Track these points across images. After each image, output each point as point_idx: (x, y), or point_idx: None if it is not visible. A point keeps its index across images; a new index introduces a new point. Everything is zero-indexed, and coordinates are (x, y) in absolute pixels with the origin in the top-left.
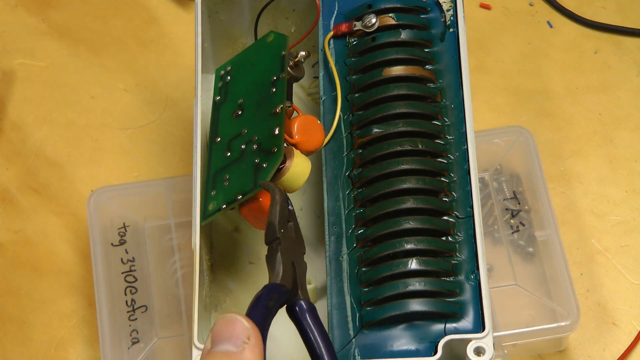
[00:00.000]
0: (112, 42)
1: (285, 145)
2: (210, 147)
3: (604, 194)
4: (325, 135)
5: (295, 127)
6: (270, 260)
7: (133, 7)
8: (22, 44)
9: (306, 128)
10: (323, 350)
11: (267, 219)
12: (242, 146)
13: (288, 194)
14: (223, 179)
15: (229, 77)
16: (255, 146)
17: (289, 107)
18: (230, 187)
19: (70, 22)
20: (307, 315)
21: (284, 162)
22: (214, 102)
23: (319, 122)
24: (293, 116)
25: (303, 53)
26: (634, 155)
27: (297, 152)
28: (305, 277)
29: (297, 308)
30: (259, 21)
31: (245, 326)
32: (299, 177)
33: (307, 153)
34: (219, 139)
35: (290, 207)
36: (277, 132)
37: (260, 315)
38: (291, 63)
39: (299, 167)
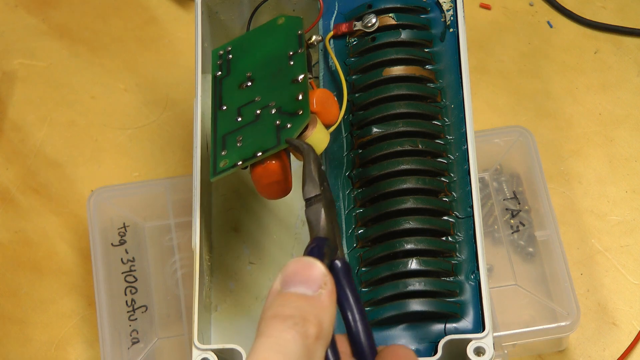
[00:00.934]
0: (112, 42)
1: None
2: (214, 115)
3: (604, 194)
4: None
5: (315, 98)
6: (312, 214)
7: (133, 7)
8: (22, 44)
9: (324, 101)
10: (357, 317)
11: (304, 176)
12: (257, 111)
13: None
14: (235, 141)
15: (230, 56)
16: (274, 110)
17: (311, 78)
18: (246, 146)
19: (70, 22)
20: (346, 275)
21: (306, 127)
22: (214, 77)
23: (335, 97)
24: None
25: (315, 37)
26: (634, 155)
27: (318, 122)
28: (340, 238)
29: (337, 266)
30: (258, 21)
31: (323, 271)
32: (320, 144)
33: (324, 124)
34: (224, 107)
35: (322, 166)
36: (300, 97)
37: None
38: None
39: (321, 134)
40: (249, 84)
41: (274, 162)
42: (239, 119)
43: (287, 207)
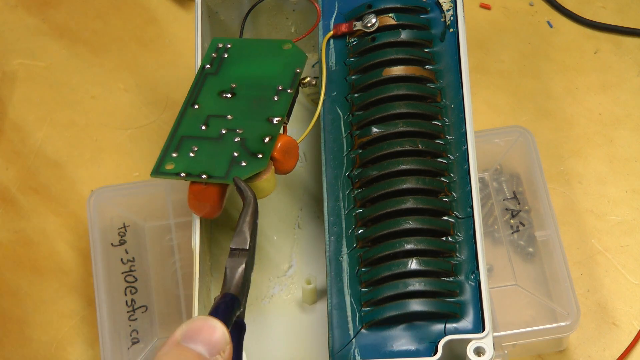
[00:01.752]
0: (112, 42)
1: None
2: (184, 109)
3: (604, 194)
4: (297, 159)
5: (279, 144)
6: (232, 267)
7: (133, 7)
8: (22, 44)
9: (287, 150)
10: None
11: (238, 224)
12: (223, 130)
13: None
14: (190, 148)
15: (226, 54)
16: (238, 139)
17: (286, 123)
18: (196, 161)
19: (70, 22)
20: (240, 336)
21: (259, 172)
22: (202, 68)
23: (298, 149)
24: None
25: (309, 79)
26: (634, 155)
27: (271, 170)
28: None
29: (237, 326)
30: (258, 21)
31: (226, 338)
32: (265, 191)
33: (276, 172)
34: (196, 107)
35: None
36: (267, 140)
37: (231, 329)
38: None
39: (269, 183)
40: (229, 96)
41: (213, 188)
42: (204, 127)
43: (287, 208)
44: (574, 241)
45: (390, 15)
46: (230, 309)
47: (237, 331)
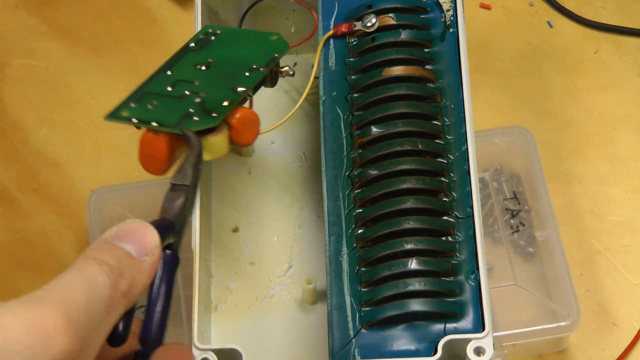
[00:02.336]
0: (112, 42)
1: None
2: (156, 73)
3: (604, 194)
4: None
5: (238, 114)
6: (171, 199)
7: (133, 8)
8: (22, 44)
9: (246, 121)
10: (159, 307)
11: (182, 165)
12: (186, 92)
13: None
14: (149, 102)
15: (213, 38)
16: (198, 99)
17: (250, 96)
18: (151, 112)
19: (70, 22)
20: (170, 267)
21: (210, 131)
22: (186, 46)
23: (259, 125)
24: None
25: (287, 68)
26: (634, 155)
27: (225, 133)
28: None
29: (167, 254)
30: (257, 20)
31: (156, 242)
32: (214, 152)
33: (230, 141)
34: (169, 73)
35: (201, 166)
36: (225, 103)
37: (163, 257)
38: (274, 68)
39: (219, 144)
40: (203, 68)
41: (162, 138)
42: (169, 89)
43: (287, 207)
44: (574, 241)
45: (390, 15)
46: (164, 230)
47: (169, 261)
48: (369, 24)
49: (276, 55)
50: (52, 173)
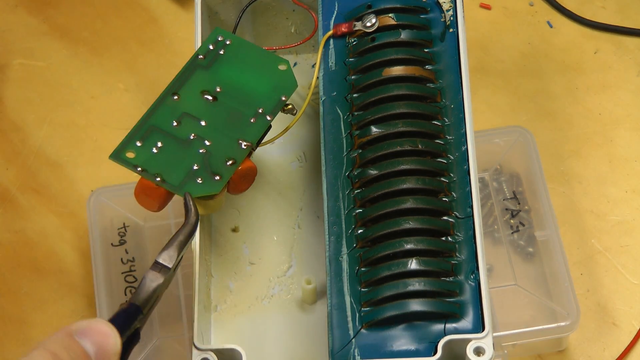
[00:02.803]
0: (112, 42)
1: None
2: (163, 96)
3: (604, 194)
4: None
5: (240, 169)
6: (149, 279)
7: (133, 7)
8: (22, 44)
9: (245, 175)
10: None
11: (172, 240)
12: (192, 135)
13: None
14: (154, 144)
15: (222, 51)
16: (203, 150)
17: (253, 150)
18: (156, 159)
19: (70, 22)
20: (132, 347)
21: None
22: (196, 57)
23: (255, 175)
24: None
25: (291, 107)
26: (633, 155)
27: (224, 192)
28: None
29: (133, 337)
30: (256, 20)
31: (116, 350)
32: (209, 210)
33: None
34: (176, 98)
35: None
36: (230, 163)
37: (125, 339)
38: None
39: (218, 203)
40: (210, 99)
41: (163, 191)
42: (175, 124)
43: (287, 207)
44: (574, 241)
45: (390, 15)
46: (131, 320)
47: (130, 341)
48: (368, 24)
49: (283, 98)
50: (52, 173)
